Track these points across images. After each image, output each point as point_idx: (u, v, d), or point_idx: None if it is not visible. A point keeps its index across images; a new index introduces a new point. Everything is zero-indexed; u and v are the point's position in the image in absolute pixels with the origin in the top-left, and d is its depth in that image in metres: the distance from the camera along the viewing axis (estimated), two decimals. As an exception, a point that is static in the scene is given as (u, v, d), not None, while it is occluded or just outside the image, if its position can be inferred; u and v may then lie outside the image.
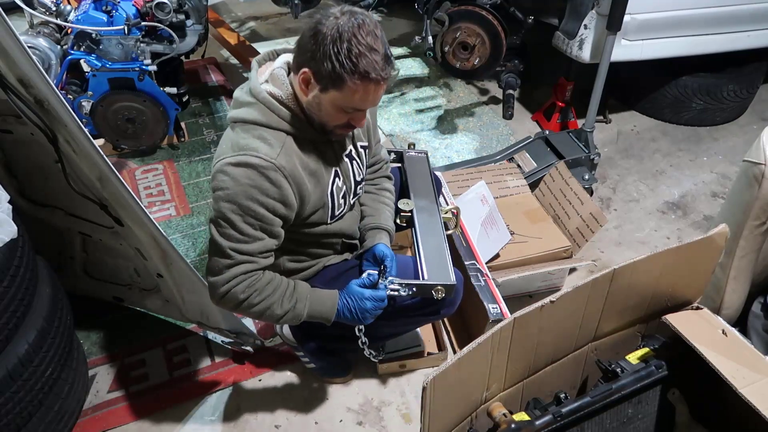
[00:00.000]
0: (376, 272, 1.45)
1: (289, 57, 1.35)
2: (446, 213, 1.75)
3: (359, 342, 1.55)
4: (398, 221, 1.66)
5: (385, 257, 1.49)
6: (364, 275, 1.44)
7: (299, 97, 1.31)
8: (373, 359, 1.64)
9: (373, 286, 1.43)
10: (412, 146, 1.92)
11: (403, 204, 1.65)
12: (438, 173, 2.02)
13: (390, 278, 1.43)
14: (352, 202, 1.54)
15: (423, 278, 1.46)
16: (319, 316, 1.42)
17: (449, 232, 1.80)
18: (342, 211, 1.50)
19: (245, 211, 1.26)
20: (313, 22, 1.22)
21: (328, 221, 1.47)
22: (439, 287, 1.42)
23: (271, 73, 1.34)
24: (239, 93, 1.36)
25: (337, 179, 1.44)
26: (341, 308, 1.41)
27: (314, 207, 1.40)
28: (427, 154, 1.88)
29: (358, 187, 1.55)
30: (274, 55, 1.43)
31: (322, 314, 1.42)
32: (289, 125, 1.31)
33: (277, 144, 1.29)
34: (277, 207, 1.29)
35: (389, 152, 1.84)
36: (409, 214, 1.64)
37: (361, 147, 1.53)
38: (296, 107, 1.32)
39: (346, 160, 1.47)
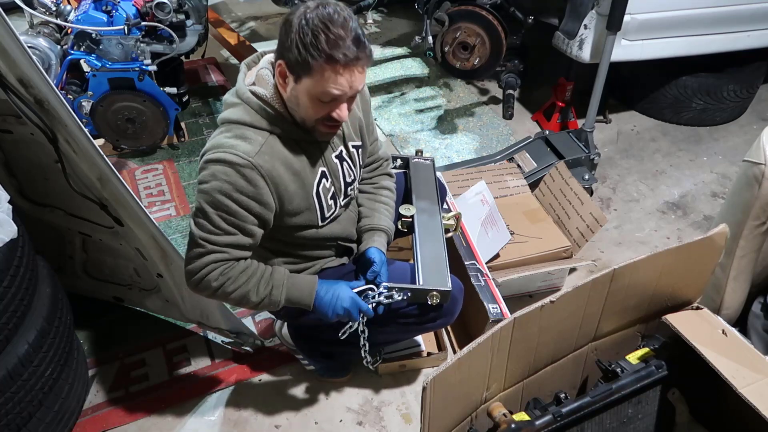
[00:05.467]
0: (363, 283, 1.45)
1: (272, 57, 1.36)
2: (448, 219, 1.74)
3: (361, 348, 1.53)
4: (399, 226, 1.65)
5: (373, 262, 1.48)
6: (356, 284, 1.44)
7: (282, 93, 1.32)
8: (370, 367, 1.63)
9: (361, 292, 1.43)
10: (419, 153, 1.91)
11: (404, 209, 1.64)
12: (439, 174, 2.01)
13: (382, 286, 1.42)
14: (343, 203, 1.52)
15: (419, 283, 1.44)
16: (298, 302, 1.41)
17: (449, 235, 1.79)
18: (333, 213, 1.48)
19: (218, 206, 1.28)
20: (285, 15, 1.25)
21: (319, 224, 1.46)
22: (435, 293, 1.41)
23: (257, 74, 1.35)
24: (227, 96, 1.38)
25: (324, 180, 1.43)
26: (322, 293, 1.40)
27: (299, 208, 1.40)
28: (433, 161, 1.87)
29: (349, 188, 1.52)
30: (263, 55, 1.42)
31: (301, 300, 1.41)
32: (272, 124, 1.32)
33: (257, 142, 1.29)
34: (251, 205, 1.30)
35: (397, 158, 1.84)
36: (410, 219, 1.63)
37: (354, 147, 1.50)
38: (280, 105, 1.32)
39: (336, 161, 1.46)
